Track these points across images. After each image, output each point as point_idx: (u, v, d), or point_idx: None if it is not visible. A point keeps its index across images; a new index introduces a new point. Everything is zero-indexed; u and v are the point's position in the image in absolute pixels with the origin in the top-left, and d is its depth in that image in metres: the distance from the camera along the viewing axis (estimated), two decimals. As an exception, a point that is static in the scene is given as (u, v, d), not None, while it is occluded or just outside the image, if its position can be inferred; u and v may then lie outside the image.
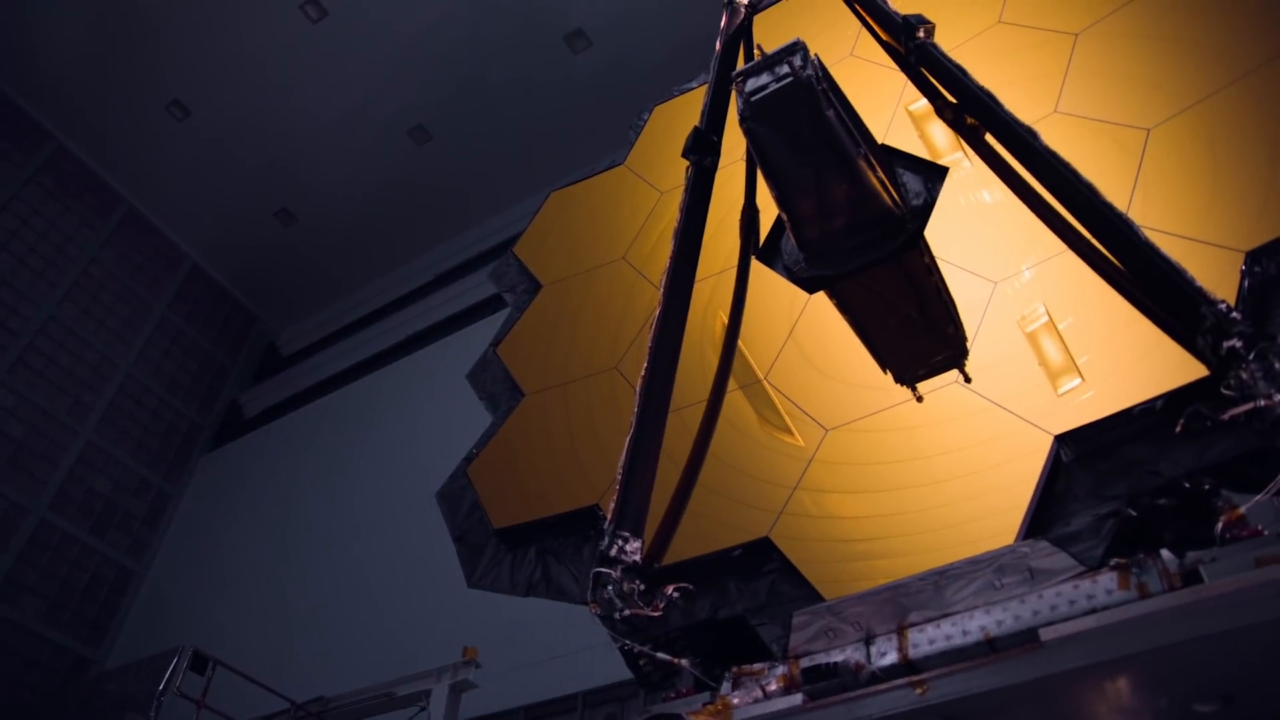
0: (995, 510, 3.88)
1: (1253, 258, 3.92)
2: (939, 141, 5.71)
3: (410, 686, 10.40)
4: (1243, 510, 3.38)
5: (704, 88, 6.60)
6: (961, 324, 5.00)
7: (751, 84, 5.08)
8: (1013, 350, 4.44)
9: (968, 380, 4.68)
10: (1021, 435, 4.03)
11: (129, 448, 20.23)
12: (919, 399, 4.79)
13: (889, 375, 5.10)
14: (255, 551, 17.86)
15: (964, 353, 4.88)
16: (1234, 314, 3.42)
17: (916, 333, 5.53)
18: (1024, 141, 4.51)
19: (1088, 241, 4.27)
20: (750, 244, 6.21)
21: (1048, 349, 4.44)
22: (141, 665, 9.84)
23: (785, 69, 4.96)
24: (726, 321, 5.77)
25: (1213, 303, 3.49)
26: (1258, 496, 3.32)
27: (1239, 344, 3.35)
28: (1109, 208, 3.99)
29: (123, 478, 19.93)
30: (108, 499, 19.46)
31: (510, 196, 20.33)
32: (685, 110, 7.39)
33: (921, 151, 5.74)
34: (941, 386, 4.53)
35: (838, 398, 4.87)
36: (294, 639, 15.06)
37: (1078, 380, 4.19)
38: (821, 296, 5.51)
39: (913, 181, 5.62)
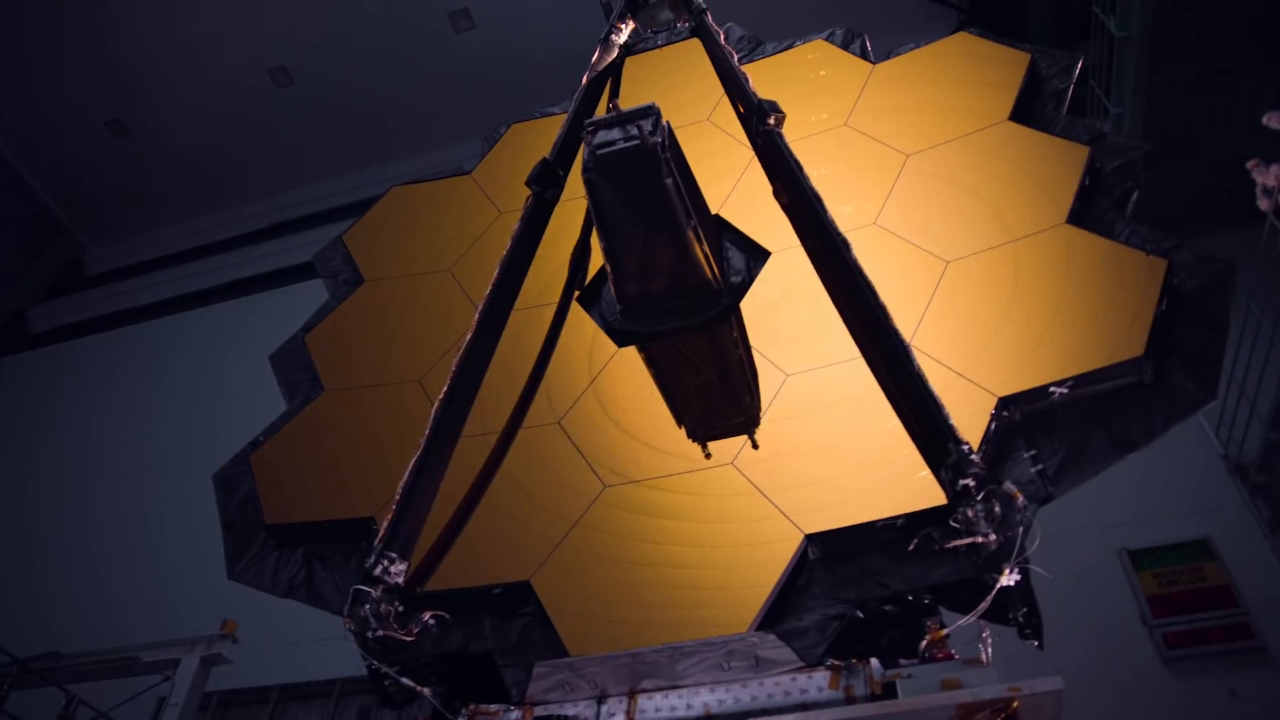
0: (740, 593, 4.13)
1: (1003, 403, 4.36)
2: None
3: (157, 654, 9.95)
4: (945, 632, 3.76)
5: (564, 116, 6.66)
6: (759, 395, 5.30)
7: (601, 137, 5.22)
8: (789, 444, 4.74)
9: (755, 446, 4.97)
10: (779, 526, 4.31)
11: (-116, 343, 18.37)
12: (708, 456, 5.05)
13: (683, 430, 5.36)
14: (7, 483, 16.55)
15: (756, 421, 5.19)
16: (973, 456, 3.77)
17: (715, 396, 5.82)
18: (836, 249, 4.77)
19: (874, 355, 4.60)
20: (576, 281, 6.34)
21: None
22: None
23: (635, 130, 5.11)
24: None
25: (959, 442, 3.83)
26: (959, 621, 3.70)
27: (972, 484, 3.70)
28: (893, 332, 4.30)
29: None
30: None
31: (363, 160, 19.76)
32: (542, 134, 7.45)
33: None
34: (719, 465, 4.78)
35: (623, 454, 5.05)
36: (38, 588, 14.07)
37: None
38: (630, 350, 5.70)
39: (737, 259, 5.89)
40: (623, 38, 7.38)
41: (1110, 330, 4.40)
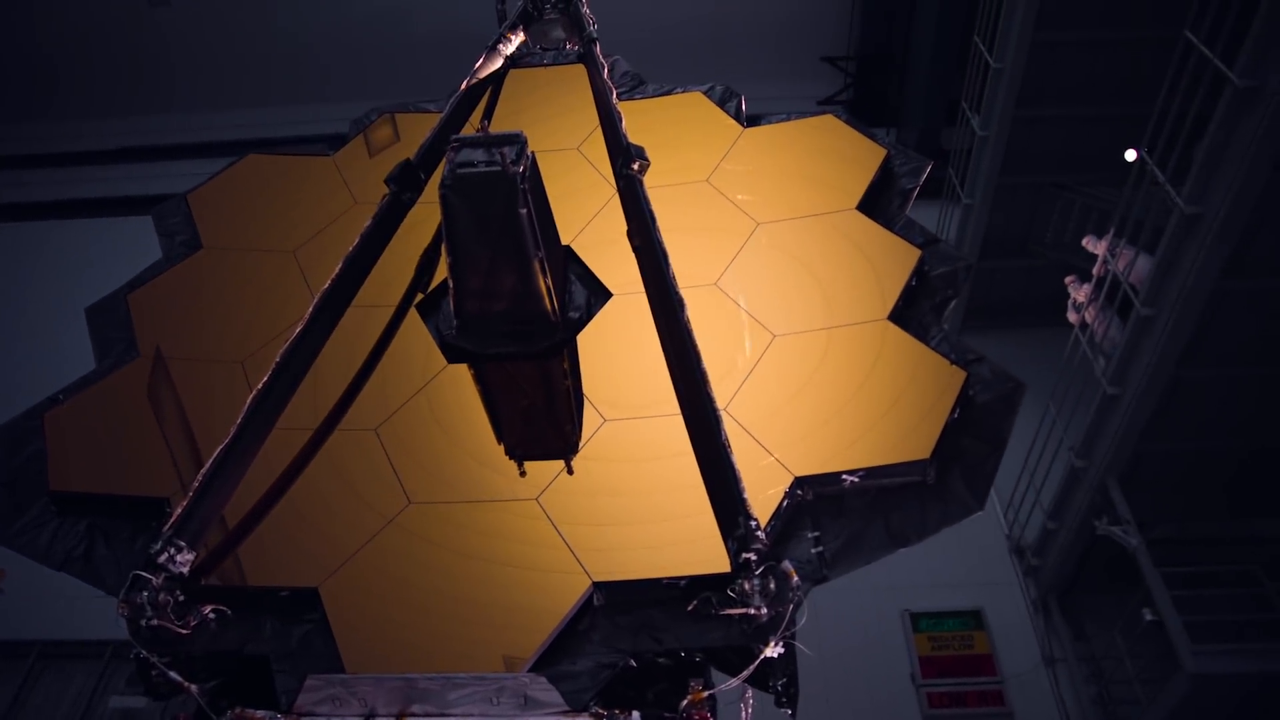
0: (522, 630, 4.23)
1: (798, 483, 4.63)
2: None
3: (-92, 591, 9.25)
4: (706, 694, 3.96)
5: (437, 116, 6.63)
6: (580, 426, 5.42)
7: (464, 155, 5.26)
8: (594, 489, 4.87)
9: (570, 472, 5.09)
10: (569, 569, 4.44)
11: None
12: (523, 474, 5.14)
13: (502, 447, 5.44)
14: None
15: (575, 449, 5.32)
16: (759, 532, 3.99)
17: (539, 421, 5.92)
18: (670, 307, 4.92)
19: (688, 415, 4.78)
20: (420, 285, 6.32)
21: None
22: None
23: (498, 156, 5.16)
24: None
25: (749, 516, 4.04)
26: (720, 686, 3.91)
27: (754, 558, 3.91)
28: (708, 398, 4.48)
29: None
30: None
31: (226, 100, 18.89)
32: (413, 130, 7.39)
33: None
34: (523, 500, 4.86)
35: (434, 473, 5.07)
36: None
37: None
38: (460, 368, 5.72)
39: (579, 294, 6.00)
40: (510, 49, 7.41)
41: (906, 429, 4.74)
